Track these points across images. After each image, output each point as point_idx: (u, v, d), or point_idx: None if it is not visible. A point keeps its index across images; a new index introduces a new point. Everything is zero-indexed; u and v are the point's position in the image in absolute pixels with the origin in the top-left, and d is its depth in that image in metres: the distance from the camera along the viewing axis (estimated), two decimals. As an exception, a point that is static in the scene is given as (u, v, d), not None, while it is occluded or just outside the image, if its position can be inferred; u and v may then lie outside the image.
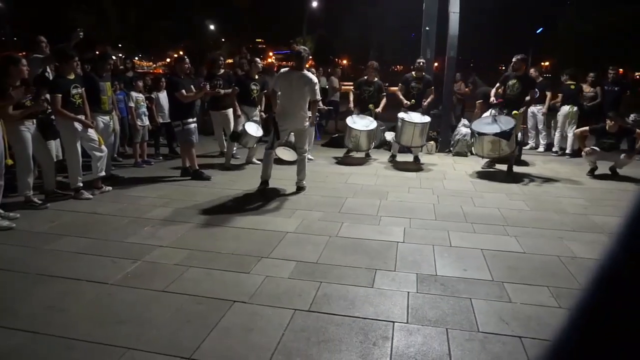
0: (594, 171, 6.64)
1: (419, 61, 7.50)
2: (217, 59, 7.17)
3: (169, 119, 6.75)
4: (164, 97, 7.01)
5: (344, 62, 31.44)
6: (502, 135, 6.16)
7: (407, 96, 7.42)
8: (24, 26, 23.44)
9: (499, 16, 25.49)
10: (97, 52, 6.98)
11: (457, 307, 2.75)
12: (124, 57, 16.41)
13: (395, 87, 7.93)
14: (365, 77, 7.83)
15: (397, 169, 6.99)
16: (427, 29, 8.26)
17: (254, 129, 6.58)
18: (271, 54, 40.14)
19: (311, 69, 6.57)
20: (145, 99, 7.11)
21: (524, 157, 7.74)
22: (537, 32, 28.82)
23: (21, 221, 4.22)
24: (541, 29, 28.84)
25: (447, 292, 2.95)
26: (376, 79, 7.77)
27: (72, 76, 5.00)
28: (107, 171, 5.56)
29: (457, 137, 8.29)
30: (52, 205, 4.76)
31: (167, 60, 34.94)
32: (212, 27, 33.53)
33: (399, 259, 3.49)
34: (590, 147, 6.65)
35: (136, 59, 33.09)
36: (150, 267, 3.29)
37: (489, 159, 6.85)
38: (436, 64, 10.37)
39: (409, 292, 2.94)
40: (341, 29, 28.37)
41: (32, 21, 23.11)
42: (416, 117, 7.12)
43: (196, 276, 3.14)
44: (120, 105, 6.85)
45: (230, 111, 6.95)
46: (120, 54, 21.88)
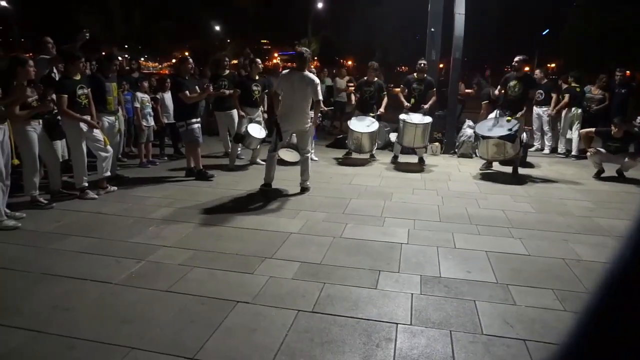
0: (600, 174, 6.59)
1: (420, 62, 7.49)
2: (222, 60, 7.19)
3: (174, 119, 6.78)
4: (169, 97, 7.03)
5: (349, 63, 31.44)
6: (507, 137, 6.14)
7: (408, 97, 7.41)
8: (30, 27, 23.62)
9: (504, 17, 25.38)
10: (103, 53, 7.02)
11: (461, 309, 2.74)
12: (129, 57, 16.49)
13: (399, 89, 7.93)
14: (365, 77, 7.84)
15: (402, 170, 6.98)
16: (432, 30, 8.24)
17: (257, 131, 6.58)
18: (276, 55, 40.26)
19: (312, 69, 6.58)
20: (150, 99, 7.14)
21: (530, 159, 7.70)
22: (543, 34, 28.69)
23: (27, 221, 4.24)
24: (547, 30, 28.70)
25: (451, 294, 2.93)
26: (376, 79, 7.78)
27: (78, 77, 5.03)
28: (112, 171, 5.59)
29: (462, 138, 8.26)
30: (57, 205, 4.79)
31: (173, 60, 35.07)
32: (217, 27, 33.63)
33: (403, 260, 3.48)
34: (595, 148, 6.61)
35: (142, 59, 33.27)
36: (154, 267, 3.30)
37: (487, 161, 6.82)
38: (441, 65, 10.31)
39: (412, 294, 2.93)
40: (346, 30, 28.36)
41: (39, 22, 23.29)
42: (417, 118, 7.11)
43: (200, 276, 3.14)
44: (127, 105, 6.89)
45: (235, 112, 6.96)
46: (126, 55, 22.00)
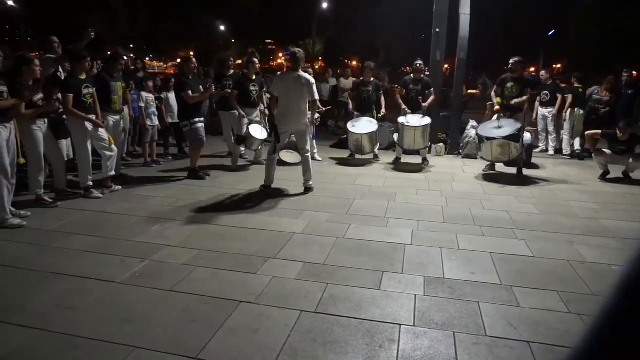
0: (605, 175, 6.54)
1: (417, 63, 7.46)
2: (226, 60, 7.18)
3: (178, 119, 6.79)
4: (174, 97, 7.05)
5: (354, 63, 31.42)
6: (511, 138, 6.11)
7: (406, 99, 7.38)
8: (36, 26, 23.76)
9: (510, 18, 25.28)
10: (109, 52, 7.05)
11: (464, 311, 2.72)
12: (134, 57, 16.56)
13: (398, 89, 7.95)
14: (361, 78, 7.86)
15: (405, 171, 6.96)
16: (437, 30, 8.22)
17: (258, 131, 6.58)
18: (281, 55, 40.28)
19: (316, 69, 6.61)
20: (155, 99, 7.17)
21: (534, 160, 7.67)
22: (548, 35, 28.56)
23: (32, 219, 4.27)
24: (553, 30, 28.57)
25: (454, 295, 2.92)
26: (372, 78, 7.80)
27: (84, 76, 5.05)
28: (116, 170, 5.62)
29: (467, 139, 8.23)
30: (62, 203, 4.81)
31: (178, 60, 35.18)
32: (222, 27, 33.69)
33: (407, 261, 3.47)
34: (600, 149, 6.57)
35: (147, 59, 33.37)
36: (157, 267, 3.30)
37: (490, 162, 6.79)
38: (446, 66, 10.29)
39: (416, 295, 2.92)
40: (351, 31, 28.35)
41: (45, 21, 23.41)
42: (415, 120, 7.08)
43: (203, 276, 3.15)
44: (133, 104, 6.91)
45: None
46: (131, 54, 22.12)
